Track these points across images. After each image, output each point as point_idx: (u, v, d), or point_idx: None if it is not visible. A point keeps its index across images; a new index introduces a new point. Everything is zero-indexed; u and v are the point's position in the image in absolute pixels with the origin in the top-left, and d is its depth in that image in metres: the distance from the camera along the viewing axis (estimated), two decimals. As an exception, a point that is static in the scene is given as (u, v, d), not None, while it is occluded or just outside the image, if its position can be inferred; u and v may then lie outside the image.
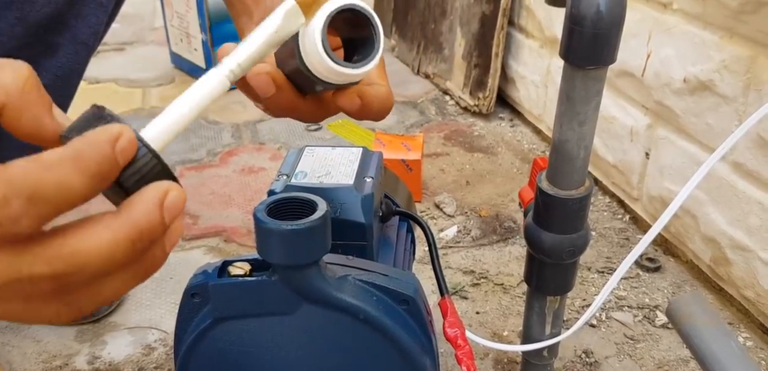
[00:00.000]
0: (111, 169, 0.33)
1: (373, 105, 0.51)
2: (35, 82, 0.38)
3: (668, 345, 0.95)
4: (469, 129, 1.62)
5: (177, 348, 0.56)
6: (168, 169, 0.36)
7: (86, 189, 0.32)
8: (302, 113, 0.52)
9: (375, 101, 0.51)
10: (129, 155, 0.34)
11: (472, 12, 1.66)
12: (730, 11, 0.94)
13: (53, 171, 0.31)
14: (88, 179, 0.32)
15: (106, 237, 0.33)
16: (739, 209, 0.97)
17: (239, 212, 1.25)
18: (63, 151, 0.32)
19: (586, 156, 0.61)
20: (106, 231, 0.33)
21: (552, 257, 0.66)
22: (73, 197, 0.32)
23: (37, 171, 0.31)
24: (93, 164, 0.32)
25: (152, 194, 0.34)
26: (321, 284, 0.50)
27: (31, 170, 0.31)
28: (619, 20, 0.54)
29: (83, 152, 0.32)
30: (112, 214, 0.34)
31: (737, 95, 0.95)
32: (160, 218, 0.34)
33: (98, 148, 0.32)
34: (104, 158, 0.32)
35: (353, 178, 0.65)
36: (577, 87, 0.57)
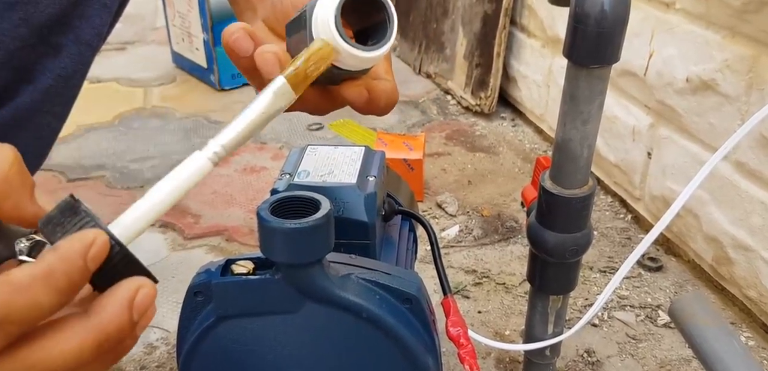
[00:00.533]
0: (81, 280, 0.34)
1: (380, 99, 0.51)
2: (19, 168, 0.39)
3: (670, 345, 0.95)
4: (471, 129, 1.62)
5: (180, 346, 0.56)
6: (139, 263, 0.36)
7: (56, 306, 0.33)
8: (308, 104, 0.52)
9: (382, 96, 0.51)
10: (101, 259, 0.35)
11: (474, 11, 1.66)
12: (732, 11, 0.94)
13: (24, 294, 0.32)
14: (57, 296, 0.33)
15: (73, 344, 0.33)
16: (741, 208, 0.97)
17: (241, 212, 1.25)
18: (34, 269, 0.33)
19: (589, 155, 0.61)
20: (74, 338, 0.33)
21: (555, 257, 0.66)
22: (41, 315, 0.33)
23: (8, 295, 0.32)
24: (64, 280, 0.33)
25: (122, 294, 0.34)
26: (324, 282, 0.50)
27: (2, 292, 0.31)
28: (623, 19, 0.53)
29: (55, 270, 0.33)
30: (80, 318, 0.34)
31: (740, 95, 0.95)
32: (129, 319, 0.34)
33: (70, 263, 0.33)
34: (76, 271, 0.33)
35: (356, 177, 0.65)
36: (580, 86, 0.57)
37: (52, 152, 1.46)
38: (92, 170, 1.39)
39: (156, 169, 1.40)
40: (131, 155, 1.46)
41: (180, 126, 1.59)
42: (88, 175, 1.37)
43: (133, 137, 1.54)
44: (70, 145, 1.49)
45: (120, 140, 1.53)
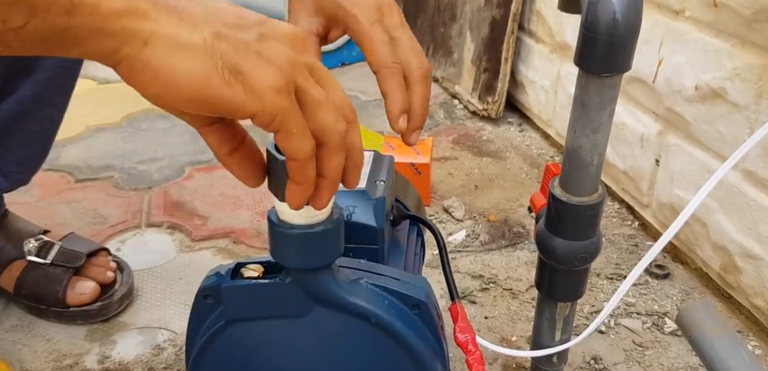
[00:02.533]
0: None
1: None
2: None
3: (677, 353, 0.94)
4: (478, 133, 1.62)
5: (189, 349, 0.56)
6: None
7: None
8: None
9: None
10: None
11: (482, 16, 1.66)
12: (742, 19, 0.94)
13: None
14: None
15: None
16: (749, 217, 0.97)
17: (248, 214, 1.25)
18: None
19: (599, 163, 0.61)
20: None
21: (563, 264, 0.66)
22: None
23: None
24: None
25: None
26: (333, 287, 0.51)
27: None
28: (635, 28, 0.54)
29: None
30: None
31: (749, 103, 0.95)
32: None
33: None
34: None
35: (365, 181, 0.65)
36: (591, 94, 0.57)
37: (61, 152, 1.47)
38: (100, 170, 1.40)
39: (164, 170, 1.40)
40: (139, 156, 1.46)
41: (188, 128, 1.57)
42: (97, 176, 1.38)
43: (141, 138, 1.55)
44: (79, 145, 1.50)
45: (128, 141, 1.53)
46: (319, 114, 0.41)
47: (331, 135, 0.41)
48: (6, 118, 0.89)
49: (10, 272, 0.97)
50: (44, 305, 0.96)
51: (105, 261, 1.01)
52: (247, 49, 0.38)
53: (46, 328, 0.96)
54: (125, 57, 0.35)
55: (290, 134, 0.39)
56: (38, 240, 0.98)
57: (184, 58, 0.36)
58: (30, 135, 0.94)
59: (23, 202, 1.23)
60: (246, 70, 0.37)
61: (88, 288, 0.96)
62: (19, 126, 0.91)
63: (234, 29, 0.38)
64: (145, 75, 0.36)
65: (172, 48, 0.36)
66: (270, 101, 0.38)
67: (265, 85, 0.38)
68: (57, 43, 0.34)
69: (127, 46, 0.35)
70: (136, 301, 1.02)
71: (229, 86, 0.37)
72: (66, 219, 1.22)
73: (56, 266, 0.96)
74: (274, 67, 0.38)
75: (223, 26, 0.38)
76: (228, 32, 0.38)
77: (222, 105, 0.37)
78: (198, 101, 0.37)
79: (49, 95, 0.92)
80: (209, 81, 0.36)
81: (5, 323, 0.97)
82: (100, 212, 1.25)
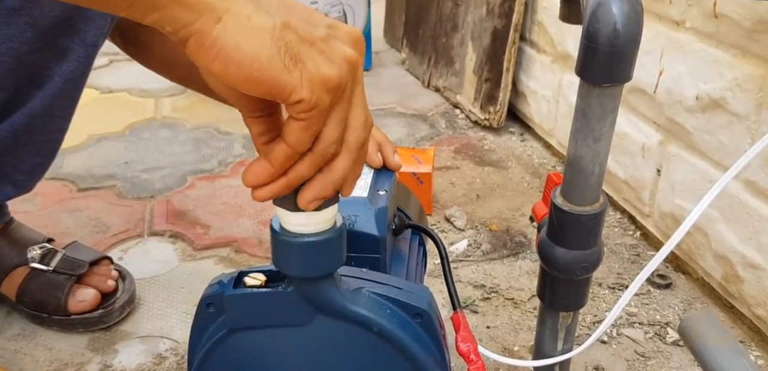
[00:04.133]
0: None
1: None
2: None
3: (679, 363, 0.94)
4: (480, 143, 1.62)
5: (191, 358, 0.56)
6: None
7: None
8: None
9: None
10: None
11: (484, 26, 1.66)
12: (742, 30, 0.94)
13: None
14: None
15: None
16: (751, 227, 0.97)
17: (250, 223, 1.25)
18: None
19: (601, 173, 0.62)
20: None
21: (565, 273, 0.66)
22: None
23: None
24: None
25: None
26: (336, 296, 0.51)
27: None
28: (636, 38, 0.54)
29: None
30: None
31: (750, 113, 0.95)
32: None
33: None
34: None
35: (367, 191, 0.66)
36: (592, 104, 0.58)
37: (63, 161, 1.48)
38: (103, 179, 1.40)
39: (166, 179, 1.40)
40: (142, 165, 1.47)
41: (190, 137, 1.60)
42: (99, 184, 1.38)
43: (143, 147, 1.55)
44: (81, 154, 1.50)
45: (131, 150, 1.54)
46: (354, 113, 0.43)
47: (319, 147, 0.43)
48: (17, 129, 0.90)
49: (13, 279, 0.97)
50: (46, 313, 0.96)
51: (107, 270, 1.01)
52: (313, 43, 0.40)
53: (48, 337, 0.96)
54: (197, 31, 0.37)
55: (309, 128, 0.41)
56: (42, 248, 0.98)
57: (251, 39, 0.38)
58: (40, 145, 0.94)
59: (26, 211, 1.23)
60: (307, 60, 0.39)
61: (89, 296, 0.96)
62: (29, 137, 0.92)
63: (304, 23, 0.40)
64: (212, 51, 0.38)
65: (242, 28, 0.38)
66: (318, 94, 0.40)
67: (322, 79, 0.40)
68: (138, 5, 0.36)
69: (202, 19, 0.37)
70: (137, 310, 1.02)
71: (288, 72, 0.39)
72: (69, 228, 1.22)
73: (59, 274, 0.97)
74: (334, 64, 0.40)
75: (294, 18, 0.40)
76: (298, 24, 0.40)
77: (277, 89, 0.39)
78: (255, 82, 0.39)
79: (59, 106, 0.92)
80: (271, 64, 0.38)
81: (7, 331, 0.97)
82: (102, 220, 1.25)
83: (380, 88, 1.97)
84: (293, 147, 0.42)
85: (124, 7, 0.37)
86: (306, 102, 0.39)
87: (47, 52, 0.86)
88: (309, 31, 0.40)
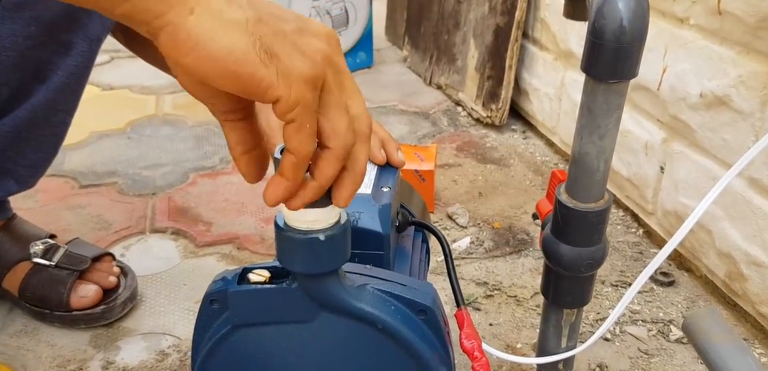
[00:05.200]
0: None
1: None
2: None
3: (683, 360, 0.94)
4: (482, 141, 1.62)
5: (195, 354, 0.56)
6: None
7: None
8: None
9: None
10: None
11: (486, 24, 1.66)
12: (747, 27, 0.94)
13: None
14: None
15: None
16: (755, 224, 0.96)
17: (252, 220, 1.25)
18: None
19: (606, 169, 0.61)
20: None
21: (570, 270, 0.66)
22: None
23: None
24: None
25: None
26: (340, 292, 0.50)
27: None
28: (642, 35, 0.54)
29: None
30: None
31: (754, 111, 0.95)
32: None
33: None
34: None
35: (371, 188, 0.66)
36: (598, 101, 0.57)
37: (65, 158, 1.48)
38: (104, 176, 1.40)
39: (168, 176, 1.40)
40: (143, 162, 1.46)
41: (192, 134, 1.60)
42: (101, 181, 1.38)
43: (145, 144, 1.55)
44: (83, 151, 1.50)
45: (132, 147, 1.54)
46: (334, 116, 0.42)
47: (337, 142, 0.42)
48: (20, 124, 0.90)
49: (15, 274, 0.97)
50: (48, 308, 0.96)
51: (109, 266, 1.01)
52: (285, 37, 0.39)
53: (50, 333, 0.96)
54: (169, 22, 0.36)
55: (302, 128, 0.40)
56: (44, 243, 0.98)
57: (225, 32, 0.37)
58: (42, 140, 0.94)
59: (27, 208, 1.23)
60: (281, 55, 0.38)
61: (90, 291, 0.96)
62: (32, 132, 0.92)
63: (275, 18, 0.40)
64: (187, 44, 0.37)
65: (216, 21, 0.37)
66: (297, 89, 0.39)
67: (297, 73, 0.39)
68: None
69: (174, 11, 0.36)
70: (140, 307, 1.02)
71: (265, 66, 0.38)
72: (70, 225, 1.22)
73: (61, 269, 0.96)
74: (307, 58, 0.39)
75: (264, 13, 0.39)
76: (269, 19, 0.39)
77: (253, 84, 0.38)
78: (232, 77, 0.38)
79: (62, 101, 0.92)
80: (246, 57, 0.37)
81: (9, 328, 0.97)
82: (104, 217, 1.25)
83: (382, 86, 1.97)
84: (296, 153, 0.41)
85: (92, 1, 0.36)
86: (284, 100, 0.39)
87: (50, 46, 0.86)
88: (280, 25, 0.40)
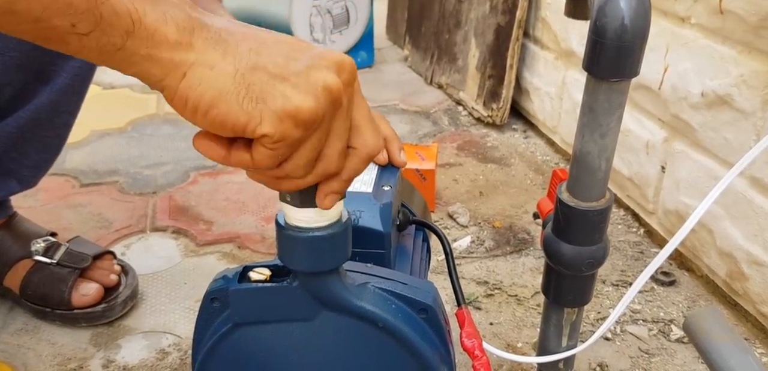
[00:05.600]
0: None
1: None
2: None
3: (683, 360, 0.94)
4: (483, 140, 1.62)
5: (195, 352, 0.56)
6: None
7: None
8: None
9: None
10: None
11: (487, 23, 1.66)
12: (748, 26, 0.94)
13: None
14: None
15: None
16: (756, 224, 0.96)
17: (253, 219, 1.25)
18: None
19: (607, 168, 0.61)
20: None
21: (571, 269, 0.66)
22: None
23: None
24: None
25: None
26: (341, 291, 0.50)
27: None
28: (644, 33, 0.54)
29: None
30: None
31: (756, 110, 0.94)
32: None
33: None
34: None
35: (372, 186, 0.65)
36: (600, 99, 0.57)
37: (66, 157, 1.47)
38: (105, 175, 1.40)
39: (169, 175, 1.40)
40: (144, 160, 1.46)
41: (192, 133, 1.59)
42: (102, 180, 1.38)
43: (146, 143, 1.55)
44: (84, 150, 1.50)
45: (133, 145, 1.54)
46: (330, 155, 0.43)
47: (326, 173, 0.44)
48: (23, 125, 0.90)
49: (16, 271, 0.97)
50: (49, 307, 0.96)
51: (109, 264, 1.01)
52: (285, 79, 0.40)
53: (51, 332, 0.96)
54: (166, 86, 0.39)
55: (274, 156, 0.41)
56: (46, 241, 0.98)
57: (212, 88, 0.39)
58: (46, 141, 0.94)
59: (28, 206, 1.23)
60: (270, 97, 0.40)
61: (91, 290, 0.96)
62: (36, 133, 0.92)
63: (280, 58, 0.41)
64: (180, 103, 0.40)
65: (205, 79, 0.39)
66: (283, 127, 0.40)
67: (286, 113, 0.40)
68: (109, 59, 0.38)
69: (169, 76, 0.39)
70: (140, 305, 1.02)
71: (246, 113, 0.40)
72: (71, 224, 1.22)
73: (62, 267, 0.97)
74: (305, 96, 0.40)
75: (265, 58, 0.40)
76: (268, 63, 0.40)
77: (237, 127, 0.40)
78: (218, 125, 0.40)
79: (65, 102, 0.92)
80: (228, 107, 0.39)
81: (10, 326, 0.97)
82: (105, 216, 1.25)
83: (383, 85, 1.97)
84: (256, 164, 0.42)
85: (97, 58, 0.38)
86: (270, 136, 0.40)
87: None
88: (284, 67, 0.40)
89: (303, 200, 0.45)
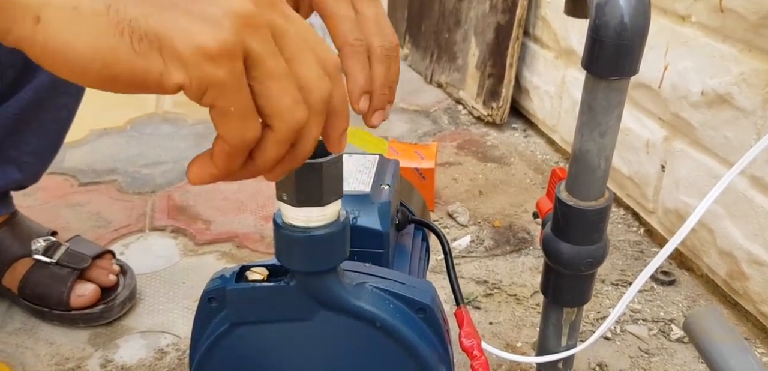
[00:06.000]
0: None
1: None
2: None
3: (683, 360, 0.94)
4: (482, 139, 1.62)
5: (193, 352, 0.55)
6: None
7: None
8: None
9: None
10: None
11: (487, 22, 1.66)
12: (748, 24, 0.94)
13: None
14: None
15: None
16: (756, 223, 0.96)
17: (252, 218, 1.25)
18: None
19: (606, 167, 0.61)
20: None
21: (570, 269, 0.65)
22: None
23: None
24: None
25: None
26: (339, 290, 0.50)
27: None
28: (643, 31, 0.53)
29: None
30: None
31: (756, 109, 0.94)
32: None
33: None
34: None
35: (370, 185, 0.65)
36: (599, 98, 0.57)
37: (65, 156, 1.47)
38: (104, 174, 1.40)
39: (167, 174, 1.40)
40: (143, 160, 1.46)
41: (192, 132, 1.60)
42: (101, 179, 1.37)
43: (145, 142, 1.55)
44: (83, 149, 1.50)
45: (132, 145, 1.53)
46: (271, 92, 0.34)
47: (280, 122, 0.35)
48: (24, 106, 0.90)
49: (15, 270, 0.97)
50: (47, 306, 0.96)
51: (108, 264, 1.00)
52: (174, 7, 0.31)
53: (49, 331, 0.96)
54: (19, 39, 0.30)
55: (226, 113, 0.33)
56: (46, 240, 0.98)
57: (81, 31, 0.30)
58: (46, 125, 0.94)
59: (27, 206, 1.23)
60: (164, 34, 0.30)
61: (88, 290, 0.96)
62: (36, 115, 0.91)
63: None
64: (46, 58, 0.30)
65: (68, 21, 0.29)
66: (197, 69, 0.31)
67: (191, 50, 0.31)
68: None
69: (18, 25, 0.29)
70: (139, 305, 1.02)
71: (143, 57, 0.30)
72: (70, 223, 1.21)
73: (62, 267, 0.96)
74: (207, 25, 0.31)
75: None
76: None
77: (137, 80, 0.31)
78: (109, 80, 0.31)
79: (66, 84, 0.92)
80: (114, 54, 0.30)
81: (8, 326, 0.97)
82: (103, 215, 1.25)
83: (382, 84, 1.96)
84: (228, 142, 0.35)
85: None
86: (187, 86, 0.31)
87: None
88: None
89: (300, 199, 0.45)
